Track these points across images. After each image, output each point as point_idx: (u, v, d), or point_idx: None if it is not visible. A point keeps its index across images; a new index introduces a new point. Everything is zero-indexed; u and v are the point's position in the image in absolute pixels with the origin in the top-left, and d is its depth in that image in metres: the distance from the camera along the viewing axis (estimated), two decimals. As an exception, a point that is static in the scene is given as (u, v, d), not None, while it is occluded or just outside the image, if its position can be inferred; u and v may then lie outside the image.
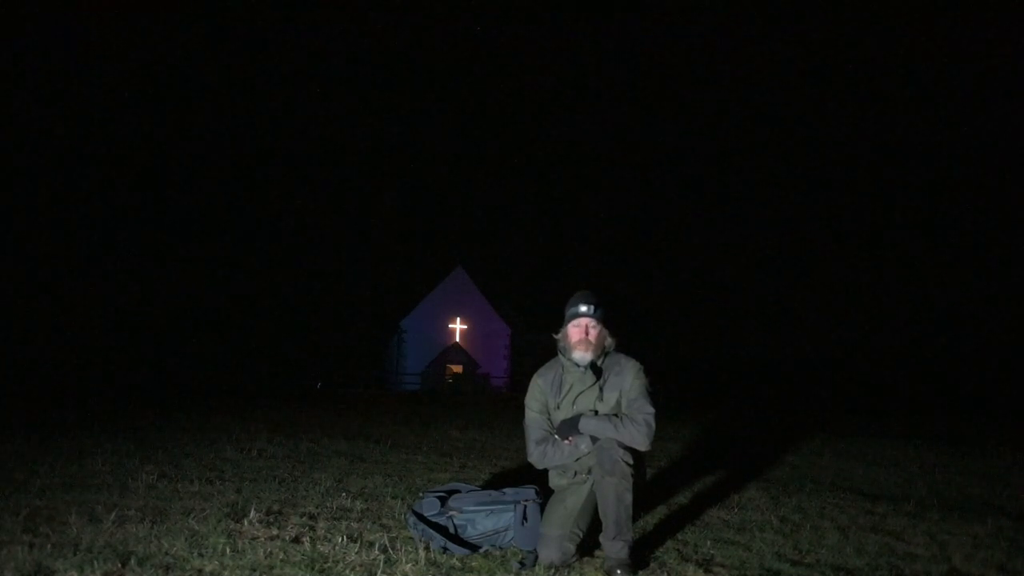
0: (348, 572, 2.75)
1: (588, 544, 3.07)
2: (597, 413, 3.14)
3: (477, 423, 10.39)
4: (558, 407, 3.22)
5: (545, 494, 3.33)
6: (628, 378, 3.17)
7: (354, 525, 3.50)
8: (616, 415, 3.08)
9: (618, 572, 2.82)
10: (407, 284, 42.33)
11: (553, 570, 2.90)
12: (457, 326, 38.11)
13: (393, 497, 4.27)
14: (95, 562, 2.69)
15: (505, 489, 3.40)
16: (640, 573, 2.92)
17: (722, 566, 3.05)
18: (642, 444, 3.01)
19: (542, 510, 3.19)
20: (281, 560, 2.84)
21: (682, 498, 4.64)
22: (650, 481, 5.22)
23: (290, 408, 12.32)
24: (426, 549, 3.04)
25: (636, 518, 3.74)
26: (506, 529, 3.18)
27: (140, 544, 2.97)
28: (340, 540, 3.15)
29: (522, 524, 3.16)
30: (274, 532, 3.29)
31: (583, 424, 3.08)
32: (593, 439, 3.05)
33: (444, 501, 3.35)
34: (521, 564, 2.95)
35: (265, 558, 2.86)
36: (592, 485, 3.06)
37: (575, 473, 3.17)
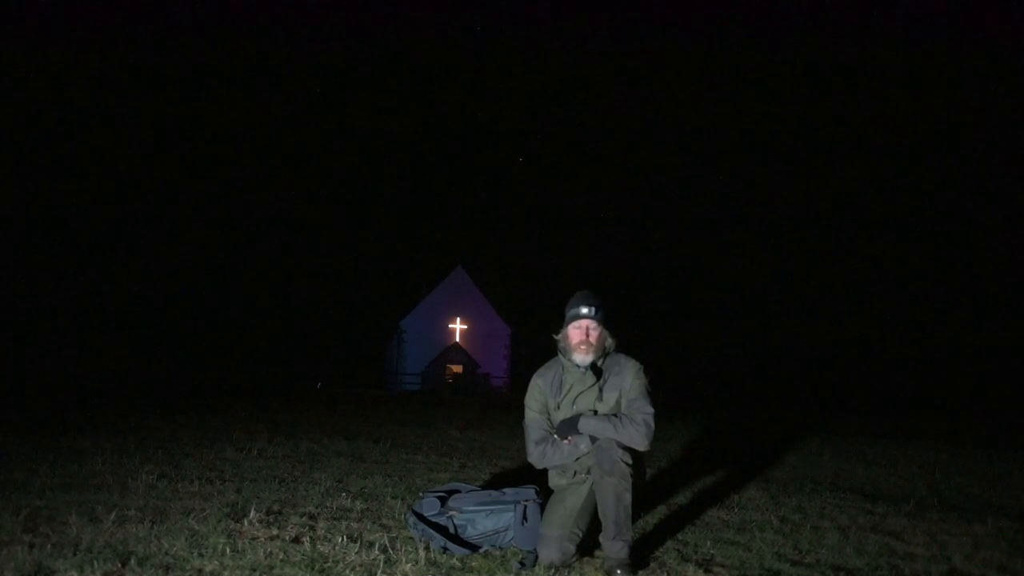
0: (348, 572, 2.75)
1: (588, 544, 3.07)
2: (596, 413, 3.14)
3: (477, 423, 10.39)
4: (558, 407, 3.22)
5: (545, 494, 3.33)
6: (628, 378, 3.17)
7: (354, 525, 3.50)
8: (615, 415, 3.08)
9: (618, 572, 2.82)
10: (407, 284, 42.38)
11: (553, 570, 2.90)
12: (457, 326, 38.11)
13: (393, 497, 4.27)
14: (95, 562, 2.69)
15: (505, 489, 3.40)
16: (640, 573, 2.92)
17: (722, 566, 3.05)
18: (641, 444, 3.01)
19: (542, 510, 3.19)
20: (281, 560, 2.84)
21: (682, 498, 4.64)
22: (650, 481, 5.21)
23: (290, 408, 12.32)
24: (426, 549, 3.04)
25: (636, 518, 3.74)
26: (506, 529, 3.18)
27: (140, 544, 2.97)
28: (340, 540, 3.15)
29: (522, 524, 3.16)
30: (274, 532, 3.29)
31: (582, 424, 3.08)
32: (592, 439, 3.05)
33: (444, 501, 3.35)
34: (521, 564, 2.95)
35: (265, 558, 2.86)
36: (592, 485, 3.06)
37: (575, 473, 3.17)
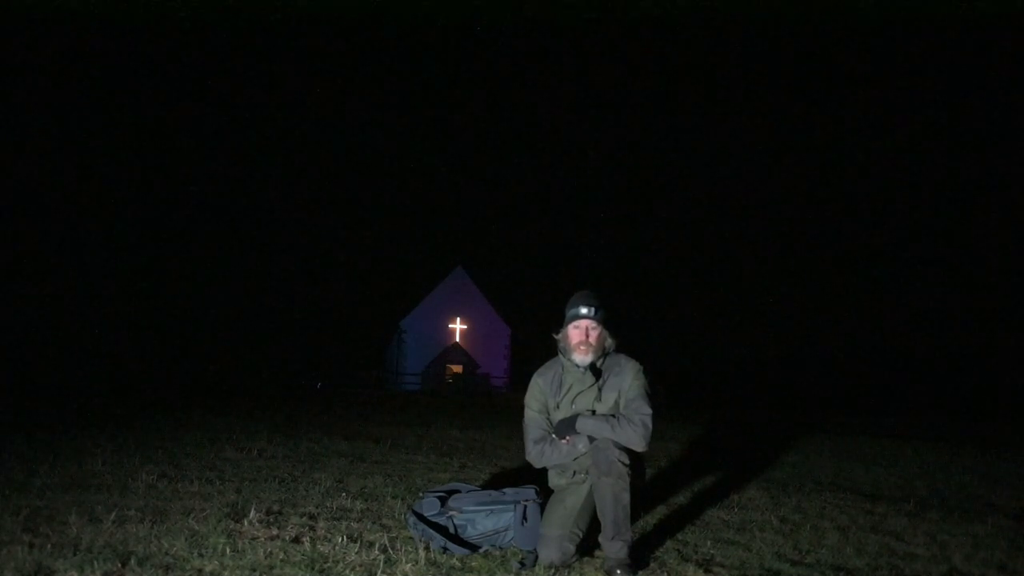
0: (348, 572, 2.75)
1: (588, 544, 3.07)
2: (595, 413, 3.14)
3: (477, 423, 10.39)
4: (557, 407, 3.22)
5: (545, 494, 3.33)
6: (627, 378, 3.17)
7: (354, 525, 3.50)
8: (613, 415, 3.08)
9: (618, 572, 2.82)
10: (407, 284, 42.42)
11: (553, 570, 2.90)
12: (457, 326, 38.11)
13: (393, 497, 4.27)
14: (95, 562, 2.69)
15: (505, 489, 3.40)
16: (640, 573, 2.91)
17: (722, 566, 3.05)
18: (638, 445, 3.01)
19: (542, 510, 3.18)
20: (281, 560, 2.84)
21: (682, 498, 4.64)
22: (650, 481, 5.22)
23: (290, 408, 12.32)
24: (426, 549, 3.04)
25: (636, 518, 3.74)
26: (506, 529, 3.18)
27: (140, 544, 2.97)
28: (340, 540, 3.15)
29: (522, 524, 3.16)
30: (274, 532, 3.28)
31: (580, 424, 3.07)
32: (590, 439, 3.05)
33: (444, 501, 3.35)
34: (521, 564, 2.94)
35: (265, 558, 2.86)
36: (590, 485, 3.06)
37: (574, 473, 3.17)
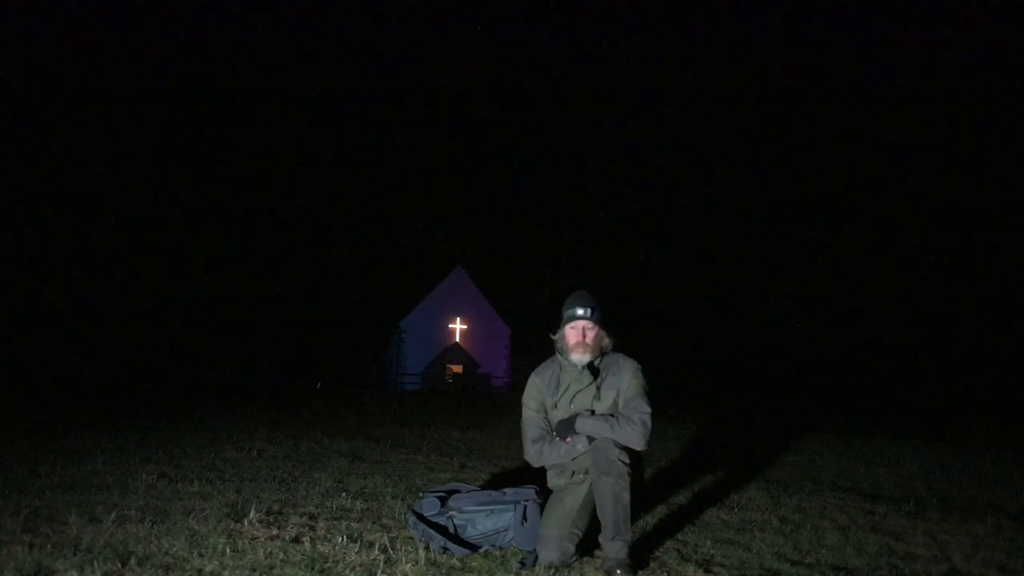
0: (348, 572, 2.75)
1: (588, 544, 3.07)
2: (594, 412, 3.14)
3: (477, 423, 10.39)
4: (555, 406, 3.22)
5: (545, 494, 3.33)
6: (626, 378, 3.17)
7: (354, 525, 3.50)
8: (612, 415, 3.08)
9: (618, 572, 2.82)
10: (407, 284, 42.41)
11: (553, 570, 2.90)
12: (457, 326, 38.09)
13: (393, 497, 4.27)
14: (95, 562, 2.69)
15: (505, 489, 3.40)
16: (640, 573, 2.92)
17: (722, 566, 3.05)
18: (638, 444, 3.01)
19: (542, 510, 3.18)
20: (281, 560, 2.84)
21: (682, 498, 4.64)
22: (650, 481, 5.22)
23: (290, 408, 12.31)
24: (426, 549, 3.05)
25: (636, 518, 3.74)
26: (506, 529, 3.18)
27: (140, 544, 2.97)
28: (340, 540, 3.15)
29: (522, 524, 3.16)
30: (274, 532, 3.28)
31: (579, 424, 3.07)
32: (590, 439, 3.05)
33: (444, 501, 3.35)
34: (521, 564, 2.95)
35: (265, 558, 2.86)
36: (590, 485, 3.06)
37: (572, 473, 3.17)
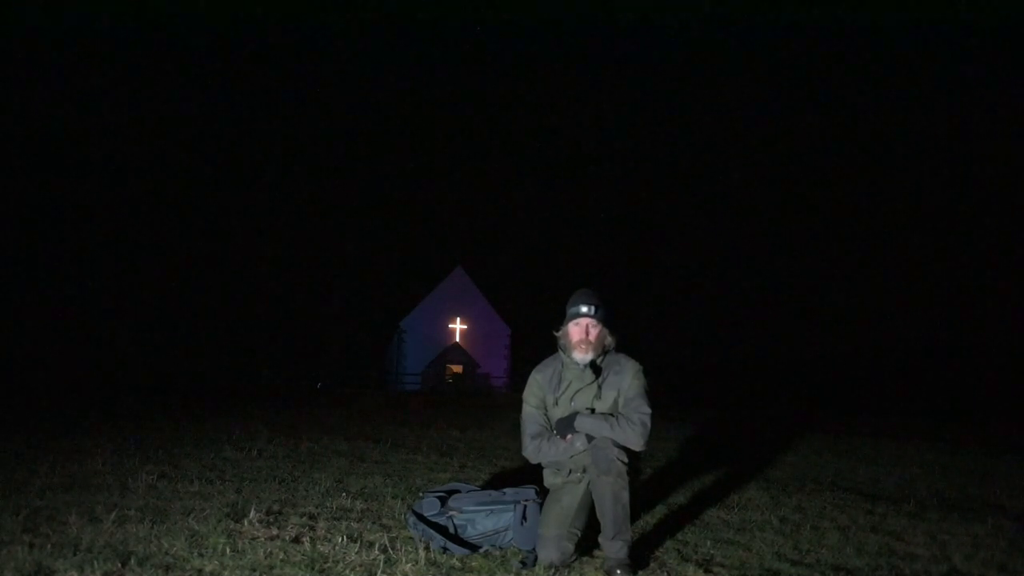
0: (348, 572, 2.75)
1: (588, 544, 3.07)
2: (594, 411, 3.14)
3: (477, 423, 10.39)
4: (556, 403, 3.22)
5: (545, 494, 3.33)
6: (627, 378, 3.17)
7: (354, 525, 3.50)
8: (612, 414, 3.08)
9: (618, 572, 2.82)
10: (407, 284, 42.41)
11: (553, 570, 2.90)
12: (457, 326, 38.09)
13: (393, 497, 4.27)
14: (95, 562, 2.69)
15: (505, 489, 3.40)
16: (640, 573, 2.92)
17: (722, 566, 3.05)
18: (637, 444, 3.01)
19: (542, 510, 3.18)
20: (281, 560, 2.84)
21: (682, 498, 4.64)
22: (650, 481, 5.22)
23: (290, 408, 12.31)
24: (426, 549, 3.04)
25: (635, 518, 3.74)
26: (506, 529, 3.18)
27: (140, 544, 2.97)
28: (340, 540, 3.15)
29: (522, 524, 3.16)
30: (274, 532, 3.28)
31: (579, 422, 3.07)
32: (589, 437, 3.05)
33: (444, 501, 3.35)
34: (521, 564, 2.95)
35: (265, 558, 2.86)
36: (587, 484, 3.06)
37: (569, 471, 3.17)
